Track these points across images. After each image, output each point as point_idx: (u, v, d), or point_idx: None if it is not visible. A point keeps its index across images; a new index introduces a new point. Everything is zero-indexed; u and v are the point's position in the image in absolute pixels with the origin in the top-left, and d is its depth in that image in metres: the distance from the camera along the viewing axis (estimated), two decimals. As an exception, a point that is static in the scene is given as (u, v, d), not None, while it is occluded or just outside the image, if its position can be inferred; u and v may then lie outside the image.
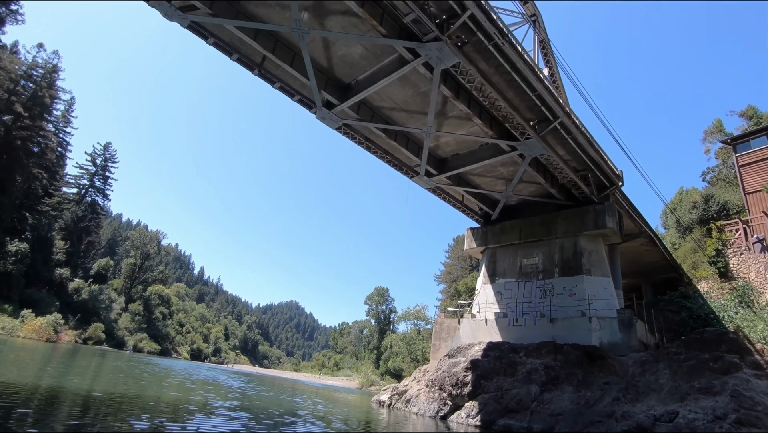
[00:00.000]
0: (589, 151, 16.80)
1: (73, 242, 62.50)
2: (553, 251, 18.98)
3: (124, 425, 5.73)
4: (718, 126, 36.62)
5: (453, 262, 69.86)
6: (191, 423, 6.59)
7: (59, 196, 61.41)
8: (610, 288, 17.20)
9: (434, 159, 18.67)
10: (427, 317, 60.22)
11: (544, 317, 17.22)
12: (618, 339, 14.69)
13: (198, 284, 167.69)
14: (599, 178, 18.28)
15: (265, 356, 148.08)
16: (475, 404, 13.72)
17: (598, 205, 18.32)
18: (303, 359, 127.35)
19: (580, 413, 12.01)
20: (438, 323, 20.27)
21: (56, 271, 55.67)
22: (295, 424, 8.97)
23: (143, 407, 7.82)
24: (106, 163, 73.16)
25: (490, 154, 16.97)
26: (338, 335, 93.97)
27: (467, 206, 21.63)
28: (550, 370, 13.70)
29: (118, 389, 10.38)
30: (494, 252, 21.18)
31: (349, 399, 22.92)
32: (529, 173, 18.02)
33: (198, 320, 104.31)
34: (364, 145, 17.22)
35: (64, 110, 63.39)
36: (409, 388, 18.18)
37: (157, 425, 6.07)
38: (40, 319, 35.66)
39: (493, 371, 14.28)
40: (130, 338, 64.44)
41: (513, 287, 19.41)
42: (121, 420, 6.24)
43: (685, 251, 27.16)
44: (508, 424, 12.73)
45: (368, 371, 58.74)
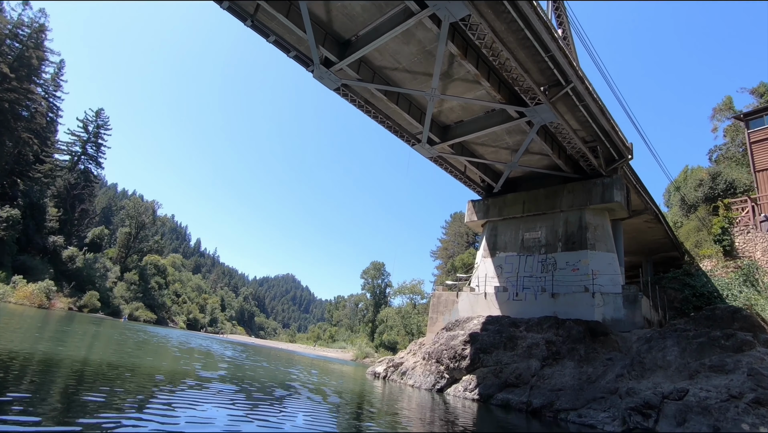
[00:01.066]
0: (601, 120, 15.96)
1: (66, 210, 61.68)
2: (556, 225, 18.39)
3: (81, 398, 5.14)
4: (727, 103, 35.55)
5: (450, 238, 69.77)
6: (169, 397, 6.02)
7: (51, 162, 60.17)
8: (614, 264, 16.70)
9: (437, 126, 17.79)
10: (423, 291, 60.32)
11: (545, 291, 16.77)
12: (622, 315, 14.28)
13: (194, 256, 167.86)
14: (608, 150, 17.50)
15: (261, 327, 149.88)
16: (473, 377, 13.39)
17: (606, 179, 17.62)
18: (298, 331, 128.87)
19: (582, 389, 11.66)
20: (435, 296, 19.86)
21: (49, 238, 55.08)
22: (287, 398, 8.50)
23: (118, 377, 7.26)
24: (98, 130, 71.46)
25: (497, 121, 16.10)
26: (334, 308, 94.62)
27: (469, 177, 20.87)
28: (551, 345, 13.31)
29: (95, 356, 9.87)
30: (495, 225, 20.58)
31: (344, 370, 22.78)
32: (535, 143, 17.20)
33: (194, 290, 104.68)
34: (364, 109, 16.28)
35: (54, 73, 61.33)
36: (405, 360, 17.90)
37: (122, 399, 5.49)
38: (32, 285, 35.20)
39: (493, 344, 13.89)
40: (126, 306, 64.48)
41: (514, 261, 18.90)
42: (82, 391, 5.66)
43: (689, 229, 26.67)
44: (507, 398, 12.41)
45: (363, 343, 59.21)
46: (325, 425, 5.91)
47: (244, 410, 5.87)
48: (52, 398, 4.67)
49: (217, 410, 5.41)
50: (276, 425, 5.10)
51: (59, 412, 4.10)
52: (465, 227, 69.36)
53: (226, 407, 5.86)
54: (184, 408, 5.17)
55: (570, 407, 11.16)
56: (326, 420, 6.44)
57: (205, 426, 4.35)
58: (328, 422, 6.29)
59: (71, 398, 4.83)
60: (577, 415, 10.76)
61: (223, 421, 4.75)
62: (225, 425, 4.54)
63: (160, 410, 4.79)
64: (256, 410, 6.19)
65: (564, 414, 11.07)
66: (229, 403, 6.28)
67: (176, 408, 5.09)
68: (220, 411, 5.36)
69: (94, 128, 70.74)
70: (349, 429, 5.92)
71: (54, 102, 62.40)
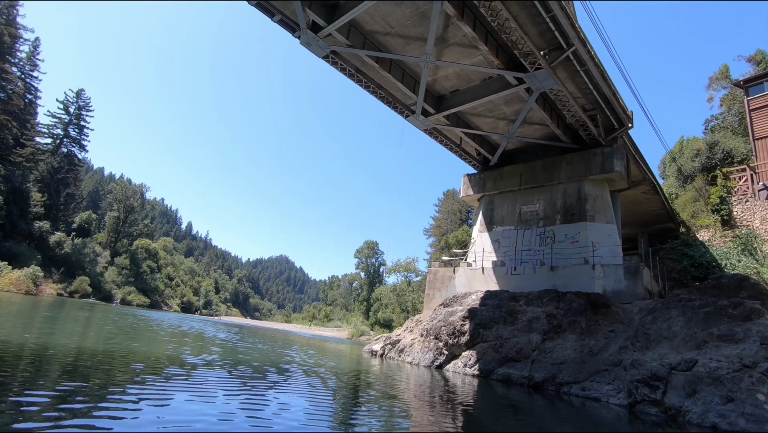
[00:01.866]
0: (602, 86, 15.33)
1: (50, 195, 60.18)
2: (555, 197, 17.95)
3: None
4: (724, 72, 34.96)
5: (443, 216, 69.58)
6: (140, 391, 5.48)
7: (32, 146, 58.37)
8: (614, 235, 16.38)
9: (432, 96, 17.04)
10: (417, 269, 60.34)
11: (544, 265, 16.46)
12: (623, 287, 14.02)
13: (186, 239, 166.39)
14: (608, 118, 16.93)
15: (256, 308, 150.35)
16: (472, 353, 13.11)
17: (606, 148, 17.11)
18: (294, 312, 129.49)
19: (584, 362, 11.43)
20: (432, 272, 19.51)
21: (35, 224, 53.81)
22: (282, 384, 8.08)
23: (84, 366, 6.73)
24: (80, 112, 69.10)
25: (494, 88, 15.39)
26: (328, 287, 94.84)
27: (465, 150, 20.25)
28: (552, 318, 13.03)
29: (71, 343, 9.33)
30: (492, 199, 20.10)
31: (340, 349, 22.57)
32: (534, 112, 16.58)
33: (187, 273, 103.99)
34: (355, 78, 15.45)
35: (29, 52, 58.74)
36: (402, 337, 17.64)
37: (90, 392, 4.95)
38: (18, 271, 34.30)
39: (492, 319, 13.58)
40: (118, 291, 63.79)
41: (511, 235, 18.52)
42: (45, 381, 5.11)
43: (685, 200, 26.47)
44: (508, 373, 12.16)
45: (358, 321, 59.49)
46: (322, 415, 5.45)
47: (232, 400, 5.37)
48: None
49: (199, 403, 4.85)
50: (267, 418, 4.55)
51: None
52: (458, 204, 69.11)
53: (209, 397, 5.36)
54: (158, 404, 4.40)
55: (572, 381, 10.93)
56: (324, 408, 5.99)
57: (184, 426, 3.73)
58: (326, 410, 5.84)
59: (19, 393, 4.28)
60: (581, 388, 10.54)
61: (205, 417, 4.17)
62: (208, 424, 3.96)
63: (122, 408, 4.02)
64: (246, 398, 5.71)
65: (567, 388, 10.85)
66: (217, 392, 5.79)
67: (147, 404, 4.39)
68: (202, 405, 4.76)
69: (75, 110, 68.38)
70: (347, 420, 5.44)
71: (31, 83, 60.07)
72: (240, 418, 4.27)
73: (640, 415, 8.39)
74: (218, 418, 4.11)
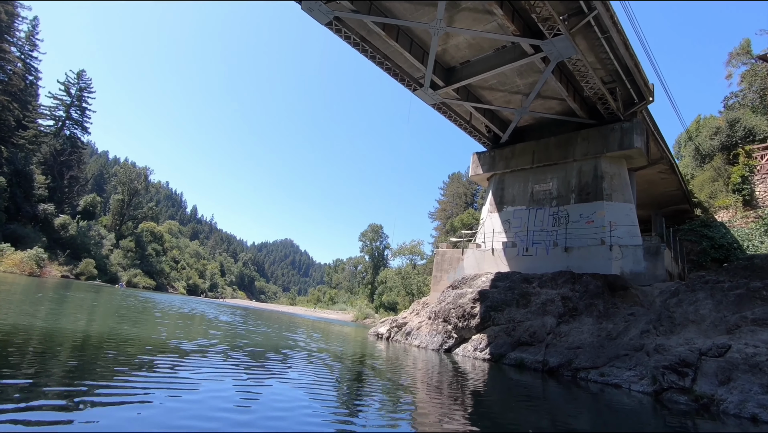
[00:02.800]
0: (624, 56, 14.34)
1: (54, 177, 59.89)
2: (569, 176, 17.14)
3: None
4: (745, 47, 33.38)
5: (448, 199, 68.85)
6: (110, 389, 4.90)
7: (34, 128, 57.86)
8: (632, 215, 15.62)
9: (441, 68, 16.12)
10: (423, 252, 59.79)
11: (557, 246, 15.77)
12: (642, 268, 13.32)
13: (191, 222, 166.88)
14: (629, 91, 15.97)
15: (261, 291, 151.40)
16: (483, 336, 12.56)
17: (625, 123, 16.19)
18: (299, 294, 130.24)
19: (602, 346, 10.85)
20: (440, 253, 18.89)
21: (39, 207, 53.70)
22: (286, 372, 7.55)
23: (52, 350, 6.19)
24: (81, 93, 68.22)
25: (508, 58, 14.46)
26: (333, 271, 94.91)
27: (474, 127, 19.37)
28: (567, 301, 12.41)
29: (56, 324, 8.84)
30: (502, 178, 19.31)
31: (345, 332, 22.20)
32: (549, 85, 15.65)
33: (192, 256, 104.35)
34: (360, 48, 14.55)
35: (28, 31, 57.62)
36: (408, 320, 17.15)
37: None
38: (21, 253, 34.10)
39: (504, 302, 12.98)
40: (124, 273, 64.00)
41: (523, 215, 17.80)
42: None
43: (703, 180, 25.49)
44: (521, 357, 11.62)
45: (363, 304, 59.40)
46: (324, 407, 4.88)
47: (222, 391, 4.81)
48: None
49: (183, 400, 4.27)
50: (262, 414, 3.96)
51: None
52: (463, 188, 68.20)
53: (197, 388, 4.79)
54: (137, 400, 3.80)
55: (590, 366, 10.37)
56: (327, 398, 5.43)
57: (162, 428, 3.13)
58: (329, 401, 5.28)
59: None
60: (599, 374, 9.97)
61: (189, 414, 3.58)
62: (193, 420, 3.37)
63: (90, 404, 3.37)
64: (241, 388, 5.15)
65: (584, 373, 10.29)
66: (206, 382, 5.22)
67: (122, 400, 3.87)
68: (186, 403, 4.18)
69: (77, 91, 67.52)
70: (352, 411, 4.86)
71: (31, 63, 59.11)
72: (229, 414, 3.69)
73: (667, 403, 7.81)
74: (204, 416, 3.52)
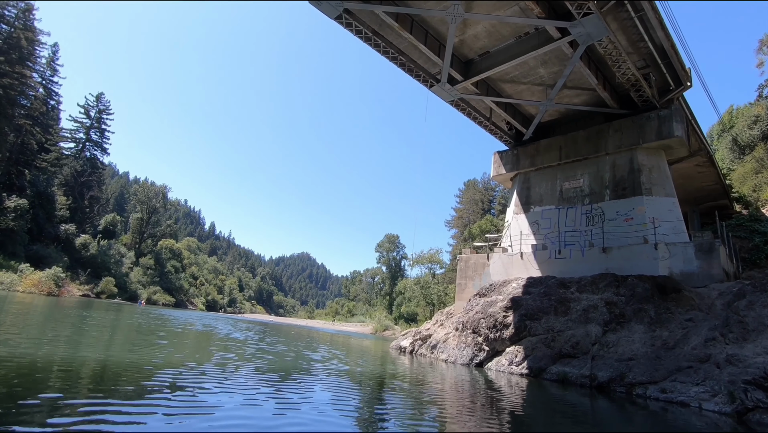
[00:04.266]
0: (659, 37, 13.16)
1: (75, 198, 60.93)
2: (602, 171, 15.86)
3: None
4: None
5: (465, 206, 67.59)
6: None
7: (56, 151, 59.05)
8: (675, 210, 14.23)
9: (458, 61, 15.18)
10: (442, 260, 58.31)
11: (593, 246, 14.46)
12: (694, 268, 11.92)
13: (210, 239, 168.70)
14: (664, 76, 14.72)
15: (280, 305, 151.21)
16: (519, 349, 11.33)
17: (663, 111, 14.90)
18: (317, 308, 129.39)
19: (659, 357, 9.52)
20: (463, 259, 17.72)
21: (61, 227, 54.57)
22: (297, 400, 6.57)
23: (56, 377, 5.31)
24: (100, 115, 69.73)
25: (532, 45, 13.42)
26: (350, 283, 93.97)
27: (495, 124, 18.29)
28: (612, 306, 11.12)
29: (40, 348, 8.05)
30: (528, 177, 18.12)
31: (365, 345, 21.08)
32: (576, 74, 14.54)
33: (211, 272, 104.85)
34: (372, 42, 13.73)
35: (49, 57, 59.20)
36: (433, 332, 15.98)
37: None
38: (39, 273, 34.16)
39: (541, 309, 11.75)
40: (144, 291, 64.25)
41: (552, 215, 16.55)
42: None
43: (744, 172, 23.77)
44: (563, 371, 10.35)
45: (382, 316, 58.14)
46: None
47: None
48: None
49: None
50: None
51: None
52: (480, 194, 66.78)
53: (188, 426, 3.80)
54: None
55: (647, 380, 9.05)
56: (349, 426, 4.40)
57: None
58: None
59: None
60: (659, 389, 8.66)
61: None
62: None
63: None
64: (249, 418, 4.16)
65: (641, 389, 8.98)
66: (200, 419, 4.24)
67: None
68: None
69: (96, 113, 69.05)
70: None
71: (52, 88, 60.61)
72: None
73: (755, 427, 6.51)
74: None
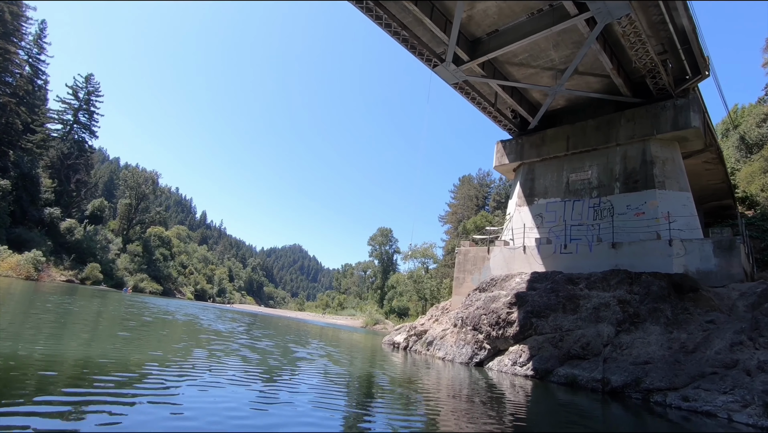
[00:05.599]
0: (681, 18, 12.31)
1: (60, 181, 59.13)
2: (611, 162, 15.04)
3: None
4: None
5: (459, 202, 66.98)
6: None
7: (42, 132, 57.12)
8: (690, 205, 13.46)
9: (465, 39, 14.21)
10: (435, 255, 57.62)
11: (601, 241, 13.65)
12: (712, 266, 11.15)
13: (201, 228, 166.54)
14: (682, 64, 13.88)
15: (270, 297, 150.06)
16: (523, 348, 10.50)
17: (679, 100, 14.09)
18: (307, 300, 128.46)
19: (678, 361, 8.73)
20: (462, 252, 16.86)
21: (45, 210, 52.83)
22: (289, 404, 5.65)
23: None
24: (89, 97, 67.69)
25: (545, 23, 12.49)
26: (341, 276, 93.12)
27: (499, 111, 17.36)
28: (625, 305, 10.32)
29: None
30: (532, 168, 17.26)
31: (355, 339, 20.23)
32: (589, 57, 13.67)
33: (201, 261, 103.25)
34: (374, 14, 12.70)
35: (36, 34, 57.11)
36: (428, 328, 15.13)
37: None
38: (17, 256, 32.74)
39: (548, 306, 10.92)
40: (130, 278, 62.82)
41: (558, 208, 15.72)
42: None
43: (751, 171, 23.18)
44: (572, 374, 9.53)
45: (372, 310, 57.48)
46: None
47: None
48: None
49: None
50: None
51: None
52: (475, 190, 66.10)
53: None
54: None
55: (667, 387, 8.25)
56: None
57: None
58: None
59: None
60: (681, 397, 7.86)
61: None
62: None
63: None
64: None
65: (659, 396, 8.18)
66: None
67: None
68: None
69: (85, 95, 67.01)
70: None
71: (39, 66, 58.53)
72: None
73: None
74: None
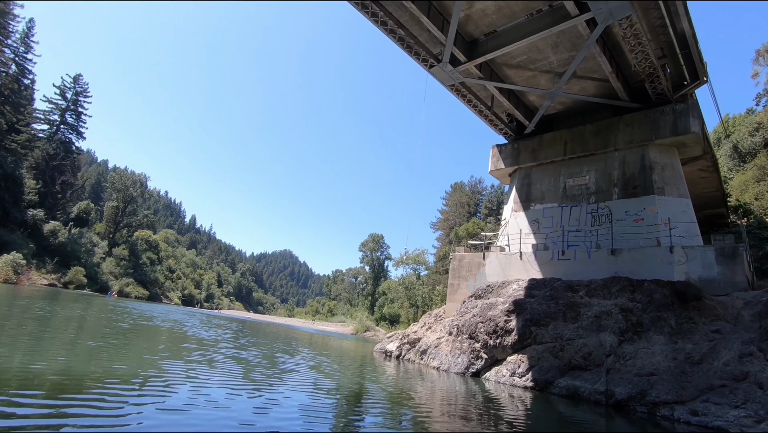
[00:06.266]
0: (682, 22, 12.14)
1: (45, 182, 57.69)
2: (610, 168, 14.79)
3: None
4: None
5: (450, 209, 66.92)
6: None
7: (27, 132, 55.83)
8: (689, 212, 13.23)
9: (463, 40, 13.90)
10: (427, 261, 57.19)
11: (600, 248, 13.33)
12: (715, 274, 10.86)
13: (190, 232, 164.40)
14: (680, 69, 13.72)
15: (259, 302, 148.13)
16: (522, 358, 10.06)
17: (678, 105, 13.92)
18: (297, 306, 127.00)
19: (685, 373, 8.35)
20: (457, 258, 16.44)
21: (28, 212, 51.37)
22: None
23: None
24: (77, 98, 66.36)
25: (544, 24, 12.22)
26: (332, 282, 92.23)
27: (496, 114, 17.08)
28: (628, 313, 9.95)
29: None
30: (528, 173, 16.97)
31: (345, 347, 19.65)
32: (588, 60, 13.44)
33: (189, 266, 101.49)
34: (370, 11, 12.33)
35: (23, 32, 56.04)
36: (422, 336, 14.64)
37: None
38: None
39: (547, 314, 10.51)
40: (116, 282, 61.26)
41: (555, 214, 15.41)
42: None
43: (744, 180, 23.22)
44: (574, 385, 9.11)
45: (363, 317, 56.74)
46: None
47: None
48: None
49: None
50: None
51: None
52: (467, 197, 66.09)
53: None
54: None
55: (673, 400, 7.86)
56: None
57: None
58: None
59: None
60: (689, 411, 7.48)
61: None
62: None
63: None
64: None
65: (666, 409, 7.79)
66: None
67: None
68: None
69: (73, 96, 65.70)
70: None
71: (25, 65, 57.38)
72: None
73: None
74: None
